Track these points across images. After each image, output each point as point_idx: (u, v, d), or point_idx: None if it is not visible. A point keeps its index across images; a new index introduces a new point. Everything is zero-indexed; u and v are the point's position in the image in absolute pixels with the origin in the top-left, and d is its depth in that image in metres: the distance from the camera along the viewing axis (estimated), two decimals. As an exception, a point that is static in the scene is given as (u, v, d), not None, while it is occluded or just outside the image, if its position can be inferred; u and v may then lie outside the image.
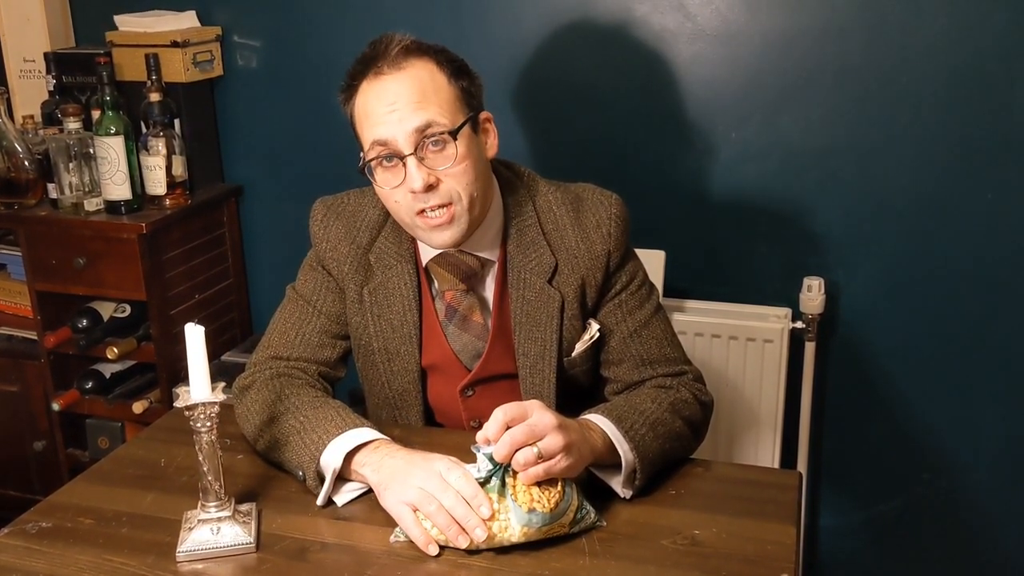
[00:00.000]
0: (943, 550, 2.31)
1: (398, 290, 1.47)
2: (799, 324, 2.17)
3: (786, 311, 2.18)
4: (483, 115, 1.43)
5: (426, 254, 1.47)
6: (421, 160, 1.33)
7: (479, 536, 1.15)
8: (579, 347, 1.49)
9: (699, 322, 2.17)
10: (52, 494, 1.34)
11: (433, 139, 1.33)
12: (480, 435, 1.17)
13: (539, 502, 1.16)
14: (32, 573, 1.17)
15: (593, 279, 1.46)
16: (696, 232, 2.25)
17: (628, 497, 1.28)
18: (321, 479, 1.28)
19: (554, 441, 1.16)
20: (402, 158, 1.33)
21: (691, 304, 2.23)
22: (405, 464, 1.23)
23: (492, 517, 1.16)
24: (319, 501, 1.28)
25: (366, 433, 1.29)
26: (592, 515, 1.22)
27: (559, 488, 1.18)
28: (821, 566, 2.41)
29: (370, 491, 1.28)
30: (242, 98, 2.52)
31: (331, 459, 1.27)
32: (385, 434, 1.32)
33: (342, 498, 1.29)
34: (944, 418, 2.22)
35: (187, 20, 2.43)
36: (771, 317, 2.17)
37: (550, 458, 1.16)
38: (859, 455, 2.31)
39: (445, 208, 1.36)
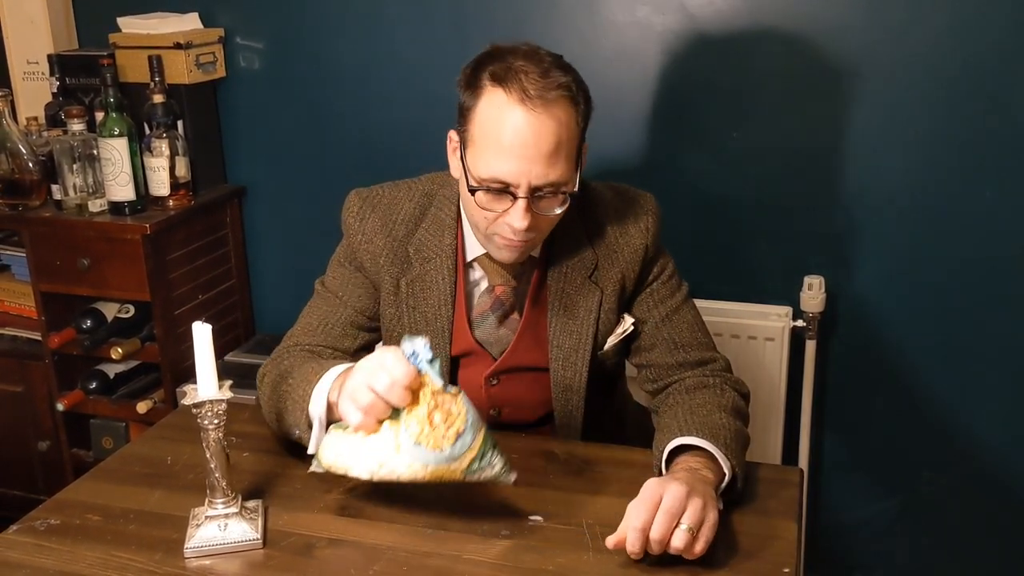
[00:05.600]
0: (944, 547, 2.32)
1: (435, 284, 1.48)
2: (800, 322, 2.18)
3: (787, 309, 2.19)
4: (584, 146, 1.41)
5: (474, 249, 1.48)
6: (530, 204, 1.32)
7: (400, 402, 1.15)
8: (611, 340, 1.51)
9: (700, 320, 2.18)
10: (60, 491, 1.35)
11: (551, 191, 1.33)
12: (611, 541, 1.15)
13: (427, 438, 1.14)
14: (41, 569, 1.18)
15: (632, 272, 1.50)
16: (697, 231, 2.26)
17: (721, 508, 1.23)
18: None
19: (694, 508, 1.14)
20: (514, 196, 1.32)
21: (692, 303, 2.23)
22: (355, 369, 1.22)
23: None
24: (310, 449, 1.29)
25: (342, 366, 1.30)
26: (498, 467, 1.19)
27: (453, 432, 1.15)
28: (822, 563, 2.41)
29: None
30: (245, 99, 2.53)
31: (316, 406, 1.29)
32: None
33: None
34: (944, 415, 2.22)
35: (190, 22, 2.44)
36: (772, 316, 2.18)
37: (700, 525, 1.14)
38: (860, 453, 2.32)
39: (524, 241, 1.37)
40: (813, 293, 2.15)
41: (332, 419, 1.29)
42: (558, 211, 1.35)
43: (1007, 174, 2.05)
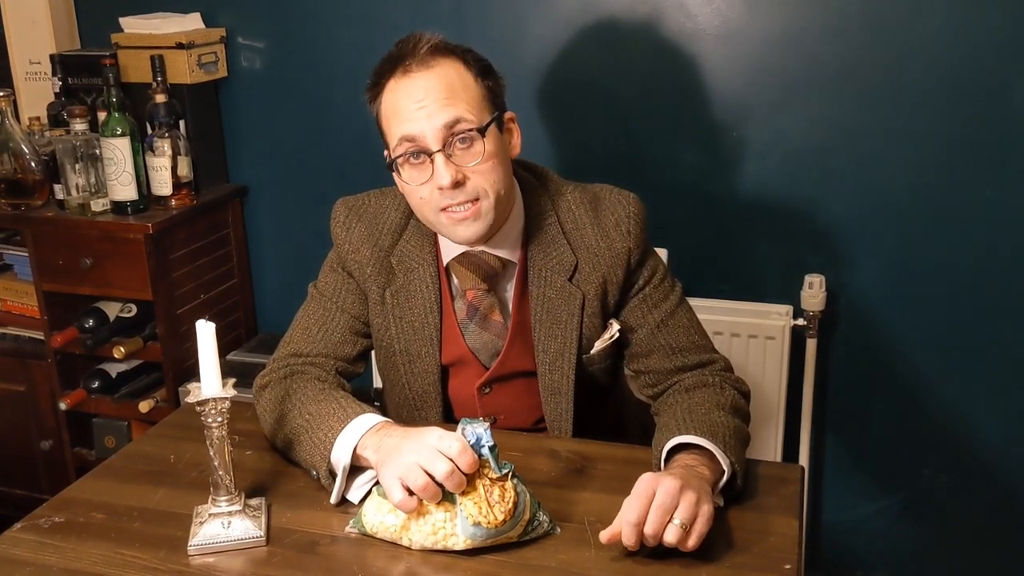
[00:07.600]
0: (945, 546, 2.32)
1: (420, 292, 1.48)
2: (800, 321, 2.18)
3: (787, 308, 2.19)
4: (507, 115, 1.44)
5: (448, 254, 1.48)
6: (449, 157, 1.34)
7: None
8: (598, 345, 1.49)
9: (701, 319, 2.16)
10: (64, 489, 1.36)
11: (461, 136, 1.34)
12: (604, 535, 1.15)
13: (485, 518, 1.15)
14: (46, 567, 1.18)
15: (615, 277, 1.47)
16: (698, 230, 2.27)
17: (721, 504, 1.25)
18: (333, 476, 1.29)
19: (687, 502, 1.13)
20: (430, 155, 1.35)
21: (693, 302, 2.17)
22: (400, 440, 1.22)
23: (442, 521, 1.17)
24: (332, 500, 1.28)
25: (369, 419, 1.29)
26: (546, 524, 1.21)
27: (509, 508, 1.17)
28: (824, 562, 2.42)
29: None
30: (246, 99, 2.54)
31: (341, 455, 1.27)
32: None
33: (355, 494, 1.29)
34: (945, 414, 2.23)
35: (192, 22, 2.45)
36: (773, 314, 2.18)
37: (692, 520, 1.13)
38: (861, 451, 2.32)
39: (471, 203, 1.37)
40: (813, 292, 2.15)
41: (355, 464, 1.28)
42: (480, 159, 1.35)
43: (1007, 173, 2.05)
